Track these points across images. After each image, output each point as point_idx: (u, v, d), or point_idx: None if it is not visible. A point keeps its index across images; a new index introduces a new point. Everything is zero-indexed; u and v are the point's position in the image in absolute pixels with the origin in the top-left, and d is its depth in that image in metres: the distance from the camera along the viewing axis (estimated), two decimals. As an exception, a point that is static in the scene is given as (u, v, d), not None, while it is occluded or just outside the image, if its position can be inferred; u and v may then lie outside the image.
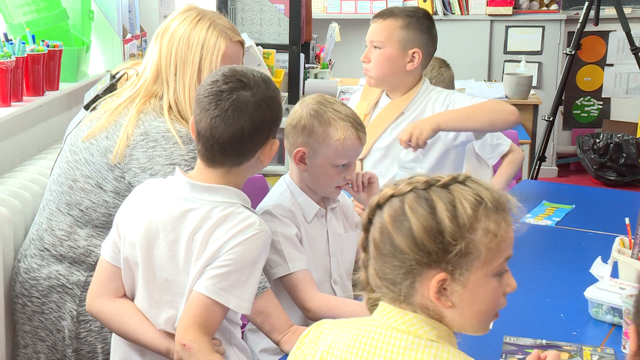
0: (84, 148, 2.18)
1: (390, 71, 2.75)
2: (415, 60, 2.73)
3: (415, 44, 2.73)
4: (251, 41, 3.55)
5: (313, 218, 2.23)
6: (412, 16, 2.75)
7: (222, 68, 1.89)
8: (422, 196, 1.31)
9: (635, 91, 6.37)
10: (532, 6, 6.21)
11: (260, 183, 2.87)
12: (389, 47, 2.73)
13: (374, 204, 1.37)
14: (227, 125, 1.78)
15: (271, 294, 2.06)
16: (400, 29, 2.72)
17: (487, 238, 1.30)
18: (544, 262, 2.45)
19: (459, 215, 1.29)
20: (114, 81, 2.25)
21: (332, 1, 6.18)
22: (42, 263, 2.22)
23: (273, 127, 1.84)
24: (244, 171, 1.85)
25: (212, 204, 1.80)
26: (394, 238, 1.31)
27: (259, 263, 1.81)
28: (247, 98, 1.78)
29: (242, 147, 1.80)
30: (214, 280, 1.75)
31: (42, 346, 2.25)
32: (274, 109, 1.83)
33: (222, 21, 2.19)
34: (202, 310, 1.76)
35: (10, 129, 2.67)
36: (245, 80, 1.80)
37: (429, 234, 1.29)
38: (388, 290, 1.34)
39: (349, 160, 2.20)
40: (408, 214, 1.31)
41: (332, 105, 2.19)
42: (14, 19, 2.81)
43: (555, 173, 6.31)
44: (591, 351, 1.86)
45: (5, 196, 2.33)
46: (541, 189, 3.31)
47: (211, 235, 1.77)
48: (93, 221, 2.18)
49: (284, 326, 2.03)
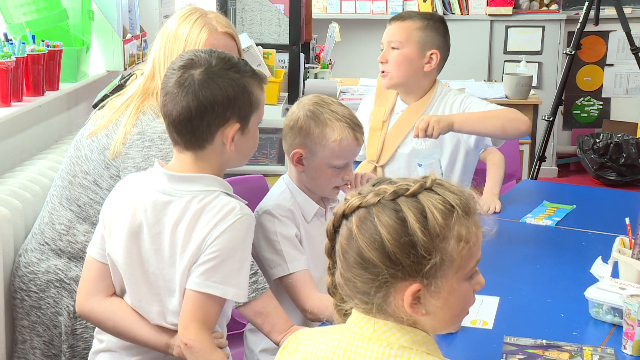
0: (86, 145, 2.20)
1: (409, 72, 2.78)
2: (432, 62, 2.77)
3: (433, 46, 2.78)
4: (251, 41, 3.56)
5: (313, 218, 2.23)
6: (429, 19, 2.82)
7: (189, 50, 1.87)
8: (390, 207, 1.28)
9: (635, 91, 6.37)
10: (532, 6, 6.21)
11: (260, 183, 2.87)
12: (407, 47, 2.77)
13: (339, 213, 1.33)
14: (174, 103, 1.76)
15: (270, 295, 2.06)
16: (419, 30, 2.77)
17: (459, 246, 1.28)
18: (544, 262, 2.44)
19: (430, 226, 1.26)
20: (123, 81, 2.27)
21: (332, 1, 6.18)
22: (42, 257, 2.23)
23: (229, 108, 1.75)
24: (212, 157, 1.80)
25: (191, 194, 1.77)
26: (364, 251, 1.28)
27: (247, 248, 1.79)
28: (193, 76, 1.74)
29: (193, 127, 1.75)
30: (206, 275, 1.74)
31: (38, 342, 2.25)
32: (227, 88, 1.75)
33: (214, 16, 2.20)
34: (199, 307, 1.75)
35: (10, 129, 2.68)
36: (196, 59, 1.77)
37: (401, 248, 1.26)
38: (360, 302, 1.31)
39: (347, 161, 2.20)
40: (378, 228, 1.27)
41: (329, 106, 2.19)
42: (14, 19, 2.81)
43: (555, 173, 6.31)
44: (591, 351, 1.86)
45: (5, 196, 2.33)
46: (541, 189, 3.31)
47: (195, 225, 1.75)
48: (90, 218, 2.19)
49: (284, 326, 2.03)
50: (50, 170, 2.59)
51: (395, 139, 2.83)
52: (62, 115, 3.11)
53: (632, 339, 1.85)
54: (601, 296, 2.02)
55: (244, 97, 1.77)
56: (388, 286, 1.28)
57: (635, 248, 2.14)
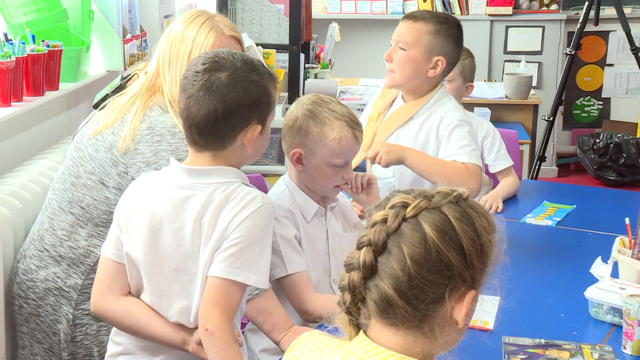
0: (89, 144, 2.19)
1: (412, 74, 2.70)
2: (437, 68, 2.67)
3: (441, 52, 2.67)
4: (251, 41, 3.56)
5: (313, 217, 2.23)
6: (443, 23, 2.71)
7: (206, 52, 1.88)
8: (458, 211, 1.27)
9: (635, 91, 6.37)
10: (532, 6, 6.21)
11: (259, 183, 2.87)
12: (414, 50, 2.67)
13: (399, 216, 1.26)
14: (200, 106, 1.77)
15: (272, 294, 2.06)
16: (429, 34, 2.67)
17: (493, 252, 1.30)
18: (544, 262, 2.45)
19: (481, 234, 1.27)
20: (124, 81, 2.27)
21: (332, 1, 6.18)
22: (40, 264, 2.22)
23: (253, 110, 1.79)
24: (231, 156, 1.83)
25: (212, 186, 1.79)
26: (442, 253, 1.24)
27: (268, 236, 1.80)
28: (220, 79, 1.76)
29: (218, 129, 1.78)
30: (228, 261, 1.75)
31: (39, 348, 2.25)
32: (252, 91, 1.78)
33: (220, 19, 2.21)
34: (221, 294, 1.75)
35: (10, 129, 2.68)
36: (221, 61, 1.79)
37: (476, 250, 1.25)
38: (403, 312, 1.24)
39: (346, 160, 2.20)
40: (457, 229, 1.25)
41: (328, 105, 2.19)
42: (14, 19, 2.81)
43: (555, 173, 6.31)
44: (591, 349, 1.86)
45: (5, 196, 2.33)
46: (541, 189, 3.31)
47: (218, 216, 1.77)
48: (94, 219, 2.18)
49: (285, 326, 2.03)
50: (50, 170, 2.59)
51: (384, 133, 2.80)
52: (62, 115, 3.11)
53: (631, 339, 1.85)
54: (601, 296, 2.02)
55: (265, 98, 1.82)
56: (454, 291, 1.25)
57: (635, 248, 2.14)
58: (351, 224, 2.36)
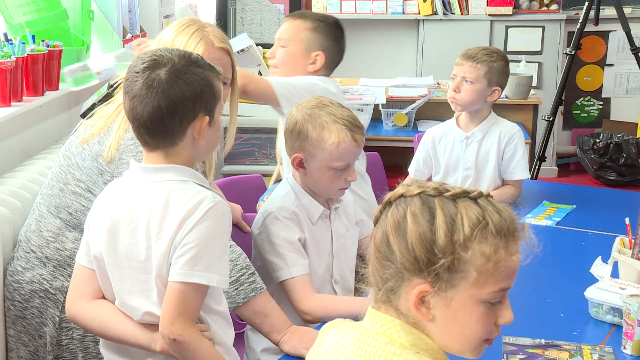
0: (77, 153, 2.18)
1: (292, 69, 2.87)
2: (317, 63, 2.88)
3: (320, 47, 2.87)
4: (251, 41, 3.56)
5: (318, 219, 2.23)
6: (321, 21, 2.91)
7: (144, 52, 1.87)
8: (426, 203, 1.30)
9: (635, 91, 6.37)
10: (532, 6, 6.21)
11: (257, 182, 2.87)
12: (293, 46, 2.88)
13: (385, 200, 1.36)
14: (144, 105, 1.76)
15: (268, 295, 2.06)
16: (308, 31, 2.87)
17: (479, 260, 1.28)
18: (544, 262, 2.44)
19: (455, 231, 1.28)
20: (111, 90, 2.26)
21: (332, 1, 6.18)
22: (27, 266, 2.21)
23: (197, 102, 1.78)
24: (183, 152, 1.82)
25: (163, 184, 1.79)
26: (390, 239, 1.31)
27: (225, 236, 1.80)
28: (160, 75, 1.76)
29: (166, 126, 1.77)
30: (188, 264, 1.73)
31: (24, 351, 2.23)
32: (193, 84, 1.77)
33: (211, 29, 2.20)
34: (184, 300, 1.74)
35: (10, 129, 2.68)
36: (159, 59, 1.78)
37: (420, 241, 1.28)
38: (377, 289, 1.34)
39: (347, 162, 2.19)
40: (407, 219, 1.30)
41: (327, 108, 2.19)
42: (14, 19, 2.81)
43: (555, 173, 6.31)
44: (590, 350, 1.86)
45: (5, 196, 2.33)
46: (541, 189, 3.30)
47: (166, 213, 1.76)
48: (81, 225, 2.16)
49: (283, 326, 2.03)
50: (50, 170, 2.58)
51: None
52: (62, 115, 3.11)
53: (631, 339, 1.85)
54: (601, 296, 2.02)
55: (208, 90, 1.81)
56: (403, 278, 1.30)
57: (635, 248, 2.14)
58: (352, 221, 2.36)
